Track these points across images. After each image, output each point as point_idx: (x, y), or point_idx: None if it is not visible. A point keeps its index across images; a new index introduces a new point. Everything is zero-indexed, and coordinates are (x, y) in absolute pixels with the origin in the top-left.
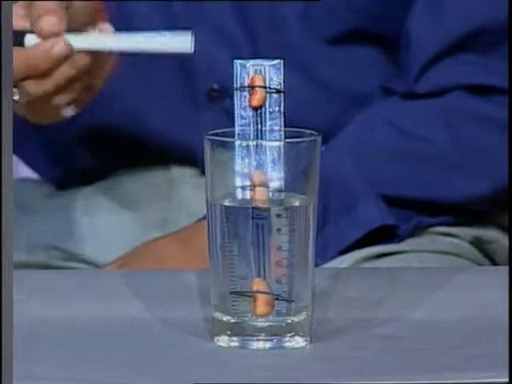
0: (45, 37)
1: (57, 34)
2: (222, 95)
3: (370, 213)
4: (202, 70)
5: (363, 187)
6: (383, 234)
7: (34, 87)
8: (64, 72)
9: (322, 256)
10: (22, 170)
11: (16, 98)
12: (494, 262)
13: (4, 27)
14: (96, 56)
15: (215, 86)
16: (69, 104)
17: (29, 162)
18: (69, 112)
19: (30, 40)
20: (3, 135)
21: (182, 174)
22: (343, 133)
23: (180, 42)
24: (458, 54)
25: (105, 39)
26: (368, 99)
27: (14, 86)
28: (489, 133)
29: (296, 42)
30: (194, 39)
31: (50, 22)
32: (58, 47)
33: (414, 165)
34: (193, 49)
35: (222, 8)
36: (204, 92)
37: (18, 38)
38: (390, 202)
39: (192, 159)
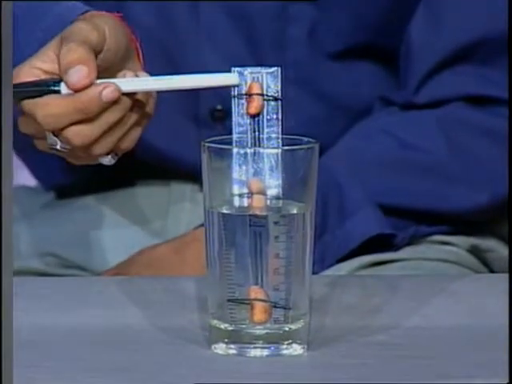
0: (76, 90)
1: (88, 86)
2: (225, 116)
3: (367, 222)
4: (205, 90)
5: (360, 196)
6: (380, 243)
7: (76, 138)
8: (110, 116)
9: (320, 265)
10: (20, 177)
11: (58, 146)
12: (491, 271)
13: (4, 27)
14: (138, 100)
15: (219, 107)
16: (107, 154)
17: (31, 169)
18: (106, 160)
19: (66, 88)
20: (3, 140)
21: (181, 188)
22: (341, 142)
23: (226, 78)
24: (457, 65)
25: (148, 81)
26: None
27: (55, 136)
28: (487, 143)
29: (302, 61)
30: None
31: (80, 74)
32: (108, 91)
33: (412, 175)
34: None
35: (227, 28)
36: (207, 112)
37: (55, 85)
38: (387, 212)
39: (195, 178)
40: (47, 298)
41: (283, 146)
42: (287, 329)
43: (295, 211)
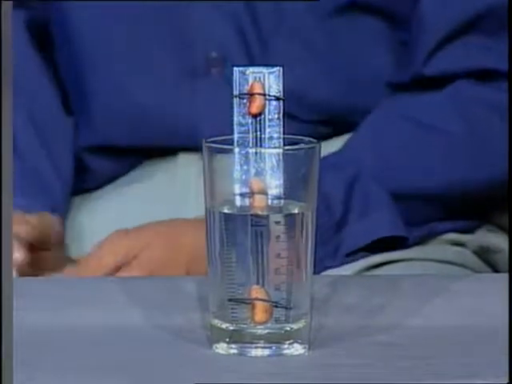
0: None
1: None
2: (220, 63)
3: (381, 222)
4: (200, 38)
5: (383, 194)
6: (392, 242)
7: None
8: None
9: (333, 258)
10: None
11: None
12: (497, 272)
13: (4, 27)
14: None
15: (214, 54)
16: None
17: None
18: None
19: None
20: (3, 139)
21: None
22: (361, 130)
23: None
24: (466, 36)
25: None
26: (371, 74)
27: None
28: (500, 119)
29: (297, 13)
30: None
31: None
32: None
33: (431, 156)
34: None
35: None
36: (203, 60)
37: None
38: (406, 198)
39: (192, 129)
40: (47, 298)
41: (284, 145)
42: (288, 328)
43: (296, 211)
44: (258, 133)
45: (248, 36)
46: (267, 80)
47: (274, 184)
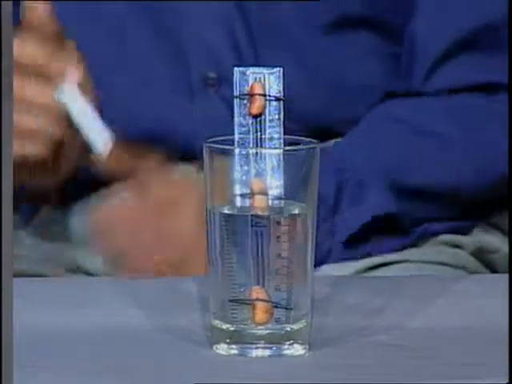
0: None
1: None
2: (219, 83)
3: (373, 201)
4: (197, 57)
5: (371, 179)
6: (389, 225)
7: None
8: None
9: (328, 245)
10: None
11: None
12: (495, 272)
13: (4, 27)
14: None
15: (211, 74)
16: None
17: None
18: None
19: None
20: (3, 139)
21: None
22: (354, 131)
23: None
24: (464, 53)
25: None
26: (361, 87)
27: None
28: (497, 129)
29: (291, 27)
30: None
31: None
32: None
33: (427, 158)
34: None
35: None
36: (200, 80)
37: None
38: (402, 192)
39: (190, 151)
40: (47, 298)
41: (285, 146)
42: (289, 329)
43: (297, 211)
44: (259, 133)
45: (244, 55)
46: (267, 80)
47: (275, 184)
